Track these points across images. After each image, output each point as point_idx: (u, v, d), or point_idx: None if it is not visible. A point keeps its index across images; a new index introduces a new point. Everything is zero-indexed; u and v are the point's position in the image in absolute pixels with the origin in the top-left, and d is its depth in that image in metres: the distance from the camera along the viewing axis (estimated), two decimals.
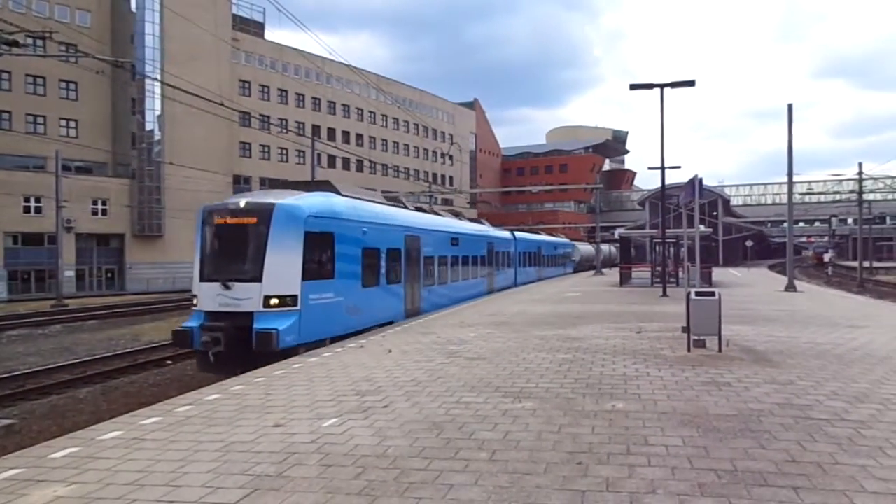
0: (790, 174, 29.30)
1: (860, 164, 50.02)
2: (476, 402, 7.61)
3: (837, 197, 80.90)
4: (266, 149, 69.62)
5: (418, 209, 22.47)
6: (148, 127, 55.59)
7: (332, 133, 76.17)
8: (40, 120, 53.04)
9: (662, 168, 28.23)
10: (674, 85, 24.65)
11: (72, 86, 54.60)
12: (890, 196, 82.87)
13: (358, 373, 9.57)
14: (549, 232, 59.11)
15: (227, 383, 9.06)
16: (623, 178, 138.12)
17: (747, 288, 30.14)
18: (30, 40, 24.52)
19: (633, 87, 25.56)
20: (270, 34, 76.02)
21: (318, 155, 55.51)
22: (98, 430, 6.71)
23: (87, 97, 55.08)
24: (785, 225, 48.85)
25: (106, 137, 56.56)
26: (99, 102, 55.97)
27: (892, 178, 76.81)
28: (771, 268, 63.82)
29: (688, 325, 11.10)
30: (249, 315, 12.09)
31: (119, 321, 29.06)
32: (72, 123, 54.44)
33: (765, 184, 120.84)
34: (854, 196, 54.52)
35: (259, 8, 71.56)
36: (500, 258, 31.08)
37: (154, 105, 55.56)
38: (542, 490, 4.83)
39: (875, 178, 58.94)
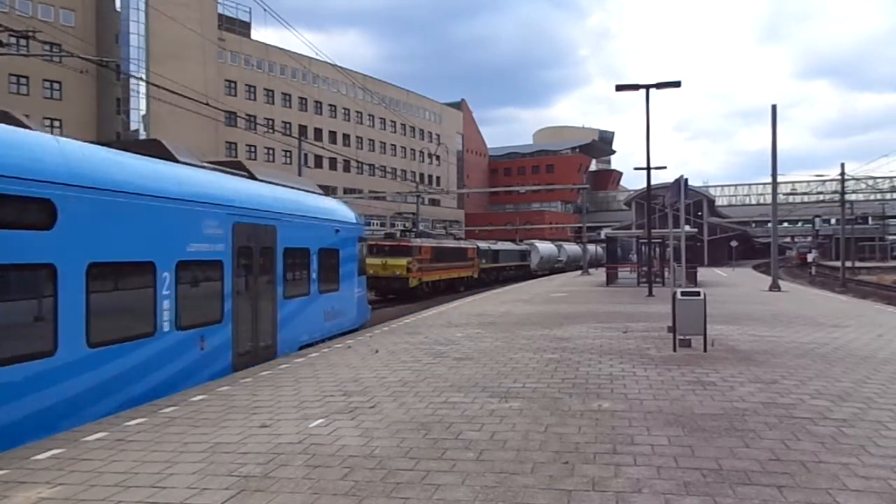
0: (774, 175, 29.56)
1: (842, 165, 50.82)
2: (463, 403, 7.62)
3: (821, 197, 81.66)
4: (252, 149, 69.29)
5: None
6: (133, 127, 55.21)
7: (318, 133, 75.97)
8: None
9: (648, 168, 28.42)
10: (659, 86, 24.78)
11: (56, 85, 54.11)
12: (872, 196, 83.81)
13: (345, 373, 9.54)
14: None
15: (213, 384, 9.01)
16: (609, 178, 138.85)
17: (732, 288, 30.35)
18: (13, 39, 24.21)
19: (619, 87, 25.68)
20: (256, 33, 75.77)
21: (305, 155, 55.28)
22: (82, 430, 6.64)
23: (72, 97, 54.58)
24: (769, 225, 49.27)
25: (91, 137, 55.57)
26: (83, 102, 55.49)
27: (875, 178, 77.60)
28: (755, 268, 64.33)
29: (673, 324, 11.17)
30: None
31: None
32: (56, 123, 53.86)
33: (749, 184, 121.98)
34: (837, 196, 55.13)
35: (245, 7, 71.35)
36: None
37: (139, 105, 55.25)
38: (529, 490, 4.84)
39: (857, 179, 59.60)
